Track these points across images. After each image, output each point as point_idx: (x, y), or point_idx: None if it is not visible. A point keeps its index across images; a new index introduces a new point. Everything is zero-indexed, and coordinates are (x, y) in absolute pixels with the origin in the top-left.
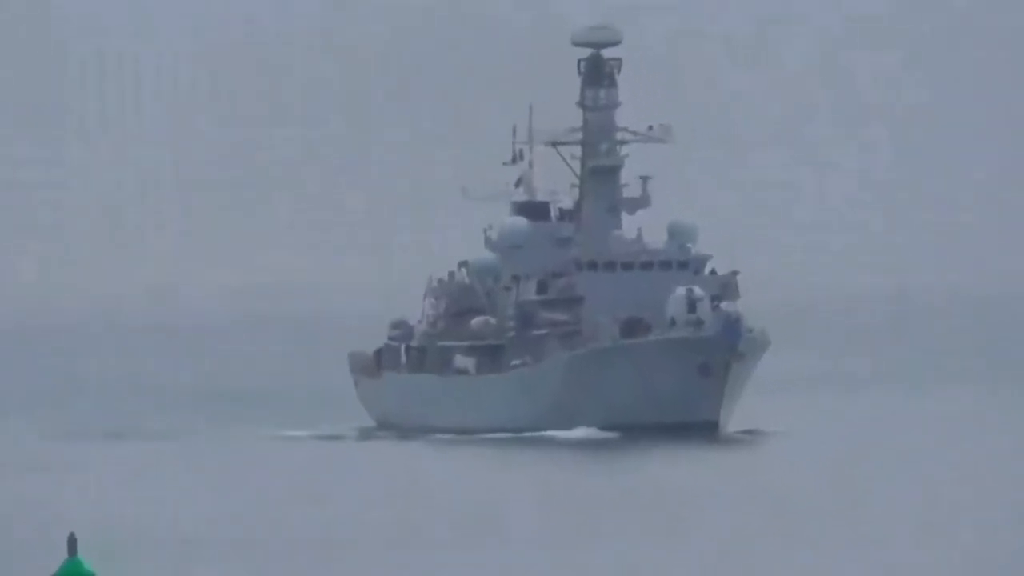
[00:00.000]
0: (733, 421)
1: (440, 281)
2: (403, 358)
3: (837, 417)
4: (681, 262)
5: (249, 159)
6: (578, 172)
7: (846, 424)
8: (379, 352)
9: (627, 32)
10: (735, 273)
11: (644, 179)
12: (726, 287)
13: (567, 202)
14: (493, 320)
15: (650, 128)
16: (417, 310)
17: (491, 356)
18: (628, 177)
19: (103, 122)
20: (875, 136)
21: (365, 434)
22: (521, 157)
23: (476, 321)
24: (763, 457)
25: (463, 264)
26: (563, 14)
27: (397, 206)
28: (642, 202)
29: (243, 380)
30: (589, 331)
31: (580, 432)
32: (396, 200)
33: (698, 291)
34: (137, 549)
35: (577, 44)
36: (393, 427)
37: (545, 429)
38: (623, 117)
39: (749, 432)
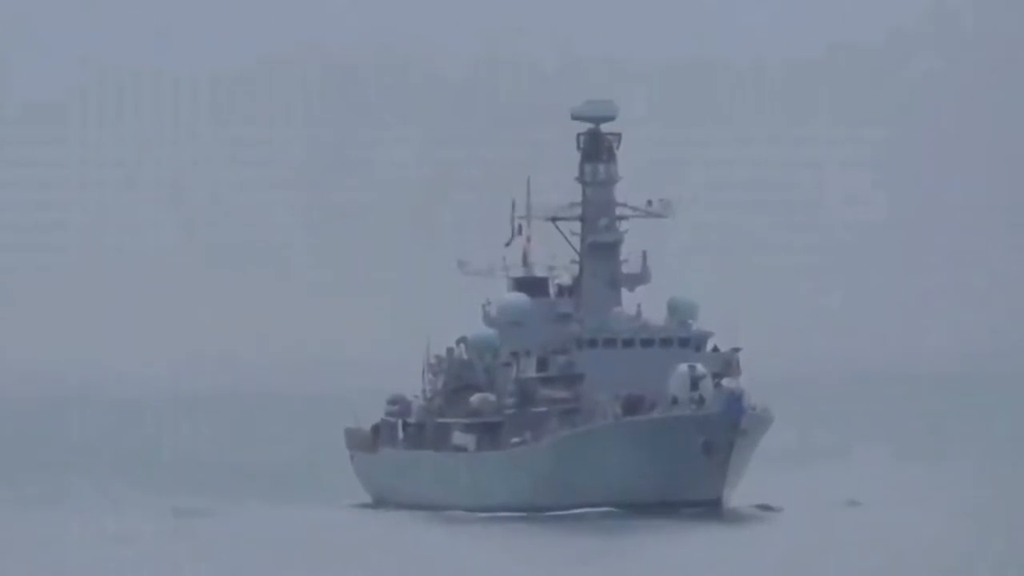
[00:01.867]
0: (735, 497)
1: (438, 357)
2: (400, 434)
3: (841, 492)
4: (682, 339)
5: (247, 233)
6: (577, 247)
7: (850, 499)
8: (376, 428)
9: (626, 105)
10: (736, 350)
11: (644, 254)
12: (728, 364)
13: (566, 278)
14: (492, 397)
15: (649, 203)
16: (414, 386)
17: (490, 433)
18: (628, 252)
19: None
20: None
21: (361, 510)
22: (520, 232)
23: (475, 398)
24: (765, 533)
25: (461, 340)
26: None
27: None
28: (642, 278)
29: (238, 455)
30: (589, 408)
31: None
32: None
33: (700, 368)
34: None
35: (576, 118)
36: (390, 503)
37: (545, 507)
38: (622, 192)
39: (757, 507)
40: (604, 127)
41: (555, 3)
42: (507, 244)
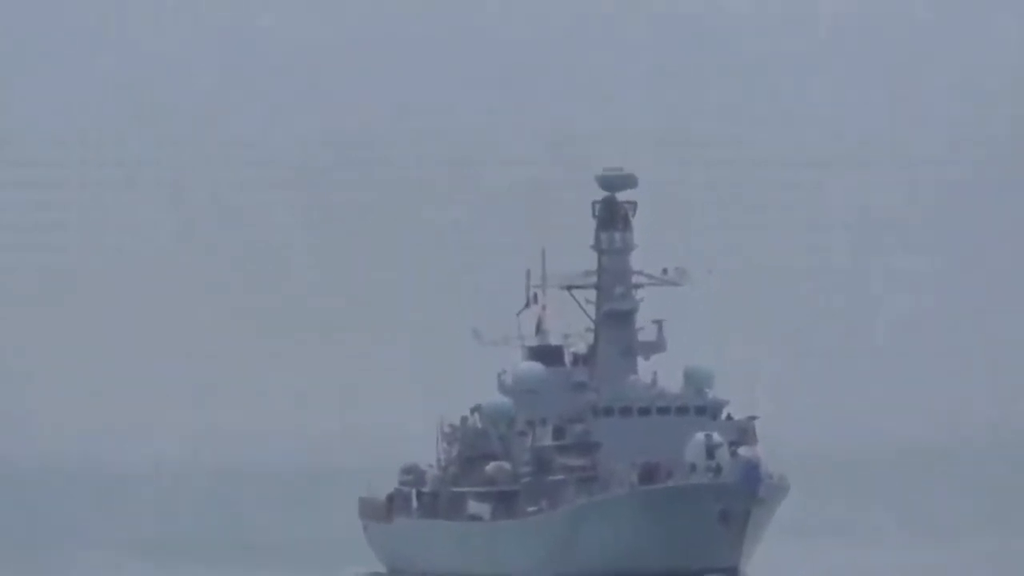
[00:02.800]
0: (751, 567)
1: (452, 426)
2: (415, 503)
3: (858, 566)
4: (698, 407)
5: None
6: (592, 316)
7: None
8: (390, 497)
9: (641, 172)
10: (753, 418)
11: (659, 323)
12: (744, 432)
13: (581, 346)
14: (508, 465)
15: (665, 271)
16: (428, 455)
17: (506, 502)
18: (643, 321)
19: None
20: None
21: None
22: (535, 300)
23: (491, 466)
24: None
25: (476, 408)
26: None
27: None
28: (657, 346)
29: (252, 528)
30: (606, 477)
31: None
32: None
33: (717, 437)
34: None
35: (598, 187)
36: (404, 573)
37: None
38: (638, 260)
39: None
40: (620, 195)
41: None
42: (518, 314)
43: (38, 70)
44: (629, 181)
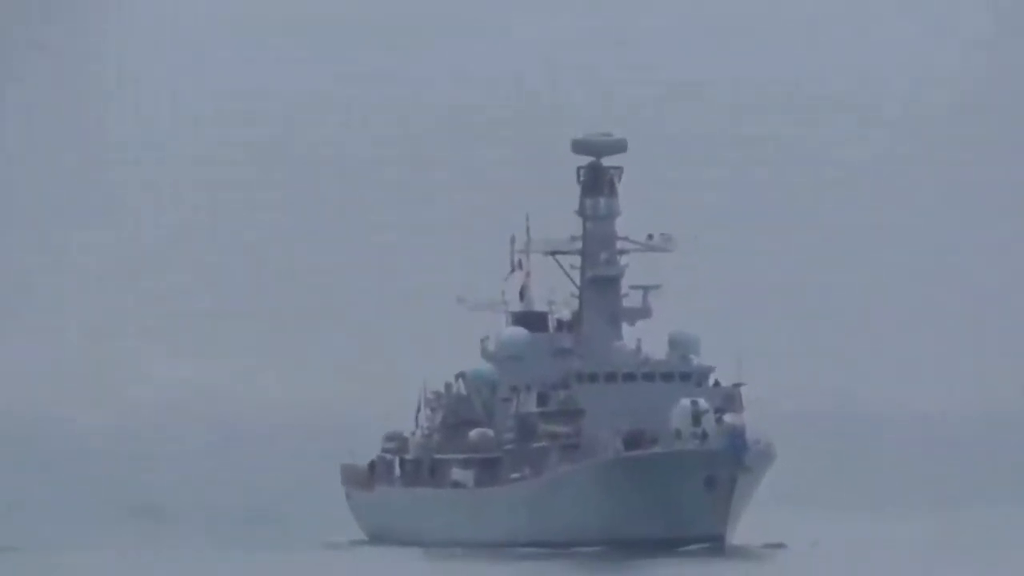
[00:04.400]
0: (737, 534)
1: (436, 393)
2: (397, 470)
3: (846, 534)
4: (684, 374)
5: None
6: (577, 282)
7: (851, 540)
8: (373, 464)
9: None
10: (739, 385)
11: (644, 289)
12: (730, 399)
13: (565, 312)
14: (491, 432)
15: (650, 237)
16: (411, 422)
17: (489, 469)
18: (628, 287)
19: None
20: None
21: (358, 546)
22: (519, 266)
23: (474, 433)
24: (769, 571)
25: (460, 375)
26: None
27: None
28: (642, 312)
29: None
30: (590, 443)
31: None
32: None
33: (703, 403)
34: None
35: (577, 152)
36: (386, 540)
37: (545, 543)
38: (623, 226)
39: (761, 546)
40: (605, 160)
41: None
42: (505, 279)
43: None
44: (616, 146)
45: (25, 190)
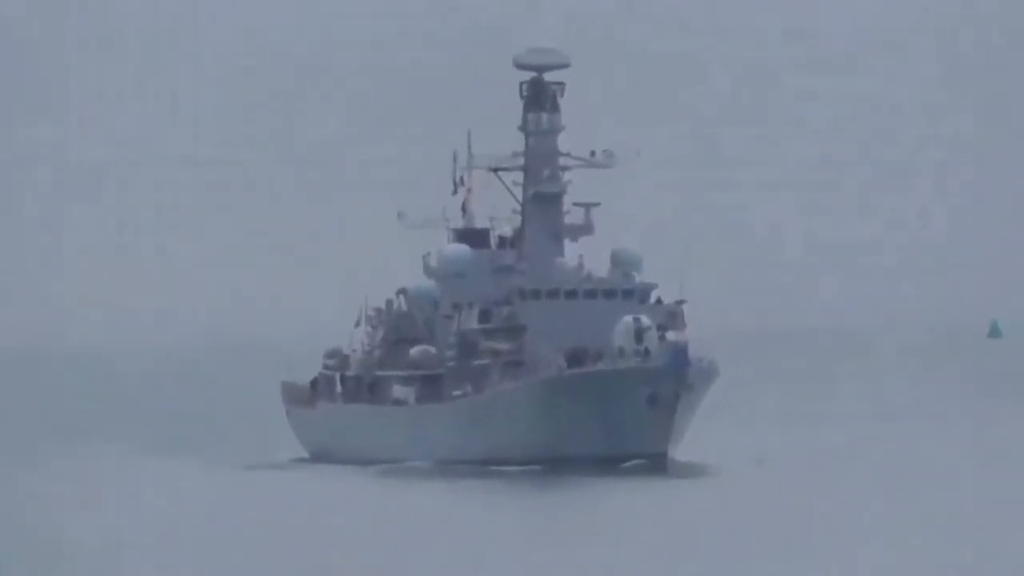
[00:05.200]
0: (680, 451)
1: (377, 309)
2: (339, 388)
3: (789, 450)
4: (626, 291)
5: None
6: (519, 198)
7: (797, 455)
8: (314, 382)
9: (571, 53)
10: (681, 302)
11: (587, 206)
12: (672, 317)
13: (507, 229)
14: (433, 349)
15: (592, 154)
16: (348, 338)
17: (431, 386)
18: (571, 204)
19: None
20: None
21: (298, 464)
22: (462, 183)
23: (416, 350)
24: (708, 488)
25: (401, 292)
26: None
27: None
28: (585, 229)
29: (170, 406)
30: (532, 361)
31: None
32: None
33: (645, 320)
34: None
35: (519, 67)
36: (328, 459)
37: (487, 461)
38: (565, 142)
39: (697, 464)
40: (548, 76)
41: None
42: (453, 194)
43: None
44: (557, 58)
45: None
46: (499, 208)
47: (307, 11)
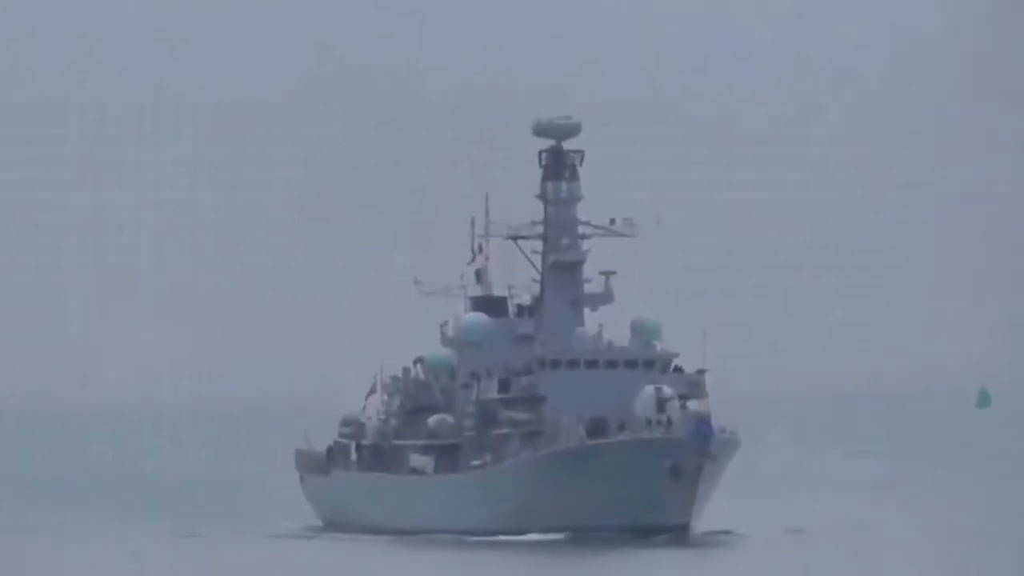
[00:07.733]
0: (702, 522)
1: (393, 378)
2: (354, 455)
3: (809, 518)
4: (647, 360)
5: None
6: (538, 266)
7: (817, 525)
8: (329, 449)
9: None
10: (702, 371)
11: (607, 274)
12: (694, 386)
13: (525, 297)
14: (451, 418)
15: (612, 222)
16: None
17: (449, 455)
18: (590, 272)
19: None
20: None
21: (312, 533)
22: (480, 250)
23: (434, 419)
24: (735, 560)
25: (418, 360)
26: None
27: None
28: (605, 298)
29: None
30: (552, 431)
31: (545, 535)
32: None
33: (667, 390)
34: None
35: (537, 135)
36: (342, 527)
37: (507, 532)
38: (585, 210)
39: (722, 532)
40: (566, 144)
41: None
42: (470, 262)
43: None
44: (575, 129)
45: None
46: (517, 276)
47: (328, 76)
